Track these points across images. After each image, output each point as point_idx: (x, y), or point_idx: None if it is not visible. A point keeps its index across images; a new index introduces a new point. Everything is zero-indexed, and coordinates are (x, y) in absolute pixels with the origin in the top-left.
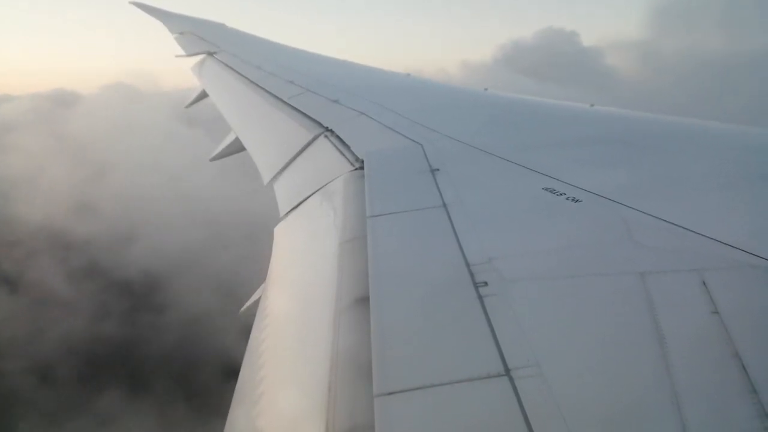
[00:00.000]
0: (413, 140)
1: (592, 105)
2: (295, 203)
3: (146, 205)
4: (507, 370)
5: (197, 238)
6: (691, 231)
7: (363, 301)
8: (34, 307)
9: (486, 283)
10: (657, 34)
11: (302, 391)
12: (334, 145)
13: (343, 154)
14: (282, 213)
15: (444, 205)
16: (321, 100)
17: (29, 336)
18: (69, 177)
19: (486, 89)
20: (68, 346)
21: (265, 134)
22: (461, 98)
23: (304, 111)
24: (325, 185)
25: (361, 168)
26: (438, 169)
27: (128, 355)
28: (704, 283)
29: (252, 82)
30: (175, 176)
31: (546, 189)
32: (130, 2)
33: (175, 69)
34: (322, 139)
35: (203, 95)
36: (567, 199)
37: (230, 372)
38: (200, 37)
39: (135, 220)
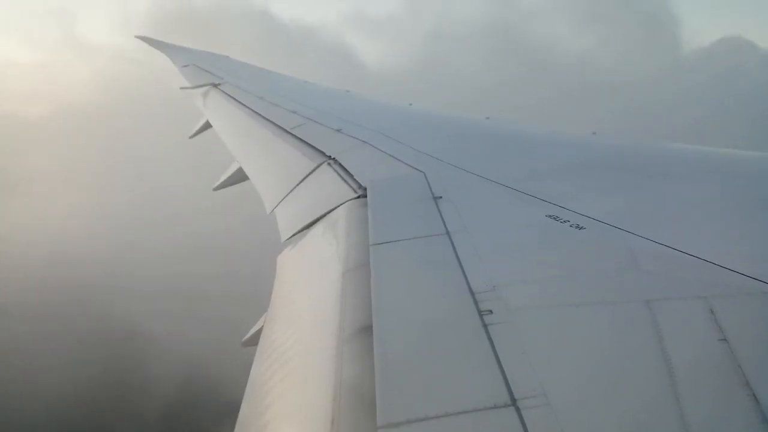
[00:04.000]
0: (416, 168)
1: (594, 133)
2: (298, 230)
3: (147, 235)
4: (513, 400)
5: (199, 266)
6: (697, 258)
7: (366, 330)
8: (34, 332)
9: (491, 311)
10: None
11: (305, 423)
12: (337, 173)
13: (346, 182)
14: (284, 240)
15: (447, 232)
16: (324, 129)
17: (32, 367)
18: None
19: (488, 118)
20: (66, 377)
21: (268, 164)
22: (463, 126)
23: (307, 140)
24: (328, 213)
25: (364, 196)
26: (441, 197)
27: (125, 386)
28: (711, 311)
29: (255, 112)
30: (178, 205)
31: (549, 216)
32: (135, 36)
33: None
34: (324, 167)
35: (207, 125)
36: (571, 226)
37: (231, 403)
38: (204, 69)
39: (134, 249)
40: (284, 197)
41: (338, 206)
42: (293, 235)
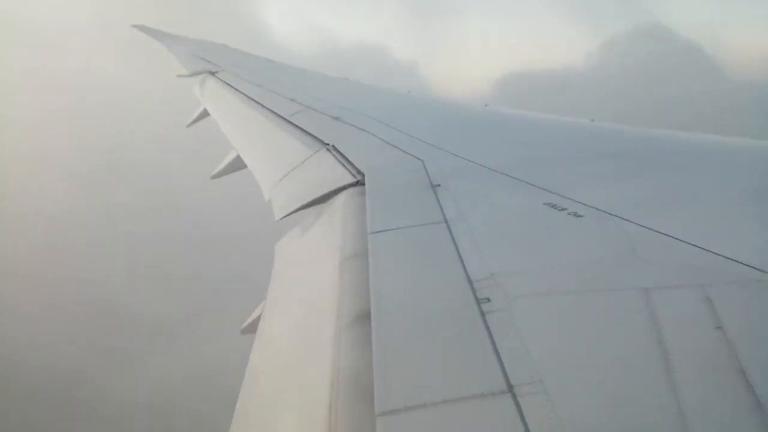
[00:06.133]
0: (414, 156)
1: (592, 120)
2: (295, 218)
3: (144, 223)
4: (510, 387)
5: (197, 253)
6: (695, 246)
7: (364, 318)
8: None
9: (488, 299)
10: None
11: (302, 411)
12: (336, 159)
13: (346, 168)
14: (281, 226)
15: (445, 220)
16: (322, 117)
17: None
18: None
19: (486, 105)
20: (55, 365)
21: (266, 151)
22: (461, 114)
23: (305, 128)
24: (326, 198)
25: (362, 183)
26: (439, 185)
27: (118, 371)
28: (708, 299)
29: (253, 100)
30: (176, 193)
31: (547, 204)
32: (132, 26)
33: None
34: (322, 153)
35: (204, 114)
36: (568, 214)
37: (230, 390)
38: (201, 57)
39: (131, 237)
40: (281, 179)
41: (336, 190)
42: (288, 214)
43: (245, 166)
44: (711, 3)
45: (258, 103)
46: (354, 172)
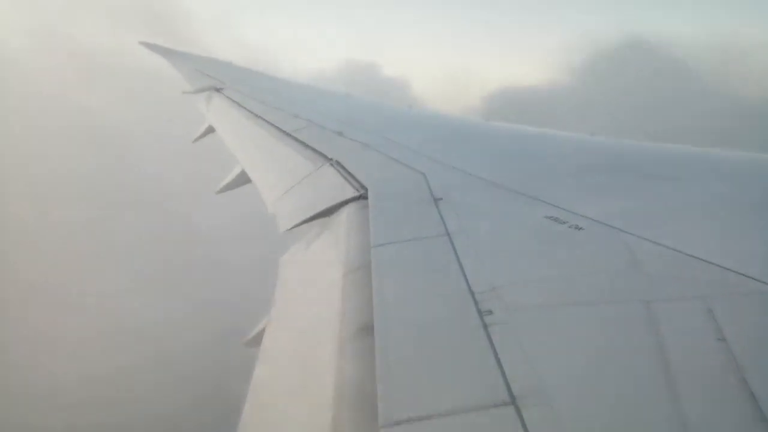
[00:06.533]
0: (416, 170)
1: (592, 134)
2: (299, 231)
3: (149, 236)
4: (513, 399)
5: (202, 267)
6: (696, 258)
7: (368, 330)
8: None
9: (491, 312)
10: None
11: (306, 423)
12: (340, 174)
13: (349, 182)
14: (285, 240)
15: (447, 233)
16: (325, 132)
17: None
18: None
19: (487, 120)
20: (60, 379)
21: (270, 166)
22: (462, 129)
23: (308, 143)
24: (330, 213)
25: (365, 197)
26: (441, 199)
27: (122, 386)
28: (710, 311)
29: (257, 115)
30: (181, 207)
31: (548, 217)
32: (139, 42)
33: None
34: (326, 168)
35: (210, 130)
36: (569, 227)
37: (234, 403)
38: (206, 74)
39: (136, 250)
40: (285, 193)
41: (339, 203)
42: (292, 228)
43: (250, 181)
44: (692, 17)
45: (262, 119)
46: (357, 186)
